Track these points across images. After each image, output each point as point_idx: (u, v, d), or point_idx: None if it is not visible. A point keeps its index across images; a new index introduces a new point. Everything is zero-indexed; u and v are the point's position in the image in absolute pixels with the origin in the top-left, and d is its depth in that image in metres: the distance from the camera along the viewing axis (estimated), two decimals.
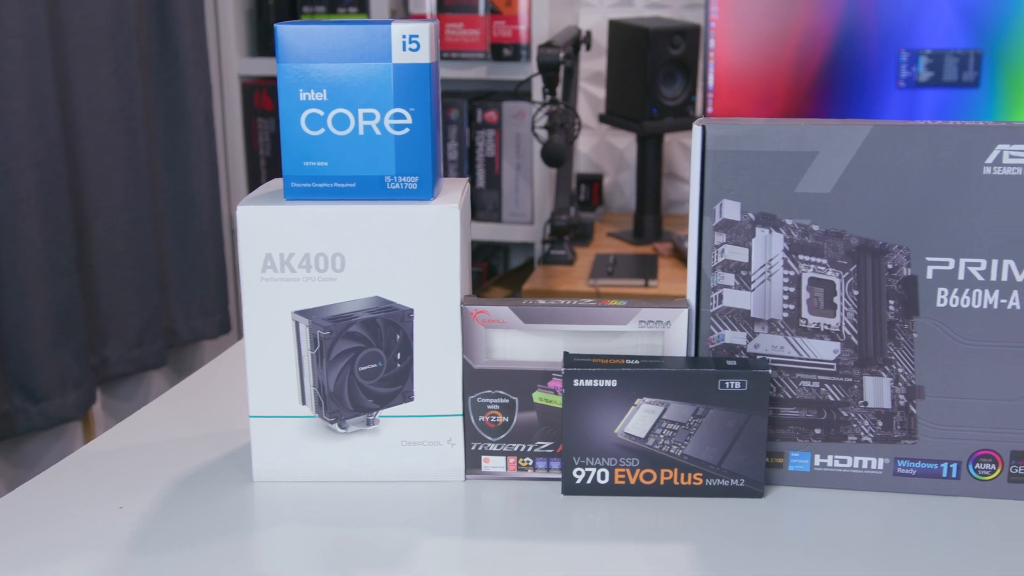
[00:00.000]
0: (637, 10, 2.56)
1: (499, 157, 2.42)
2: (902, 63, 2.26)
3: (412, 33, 0.76)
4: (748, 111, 2.32)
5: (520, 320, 0.80)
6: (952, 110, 2.25)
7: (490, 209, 2.44)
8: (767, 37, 2.29)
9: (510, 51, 2.34)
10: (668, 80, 2.28)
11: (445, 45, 2.35)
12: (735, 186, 0.78)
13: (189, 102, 2.29)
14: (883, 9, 2.24)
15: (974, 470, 0.80)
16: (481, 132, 2.42)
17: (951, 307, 0.77)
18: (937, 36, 2.23)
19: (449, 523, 0.78)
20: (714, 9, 2.28)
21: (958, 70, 2.24)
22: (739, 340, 0.80)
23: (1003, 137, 0.74)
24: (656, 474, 0.79)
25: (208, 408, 0.99)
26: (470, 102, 2.41)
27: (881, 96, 2.29)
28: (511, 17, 2.33)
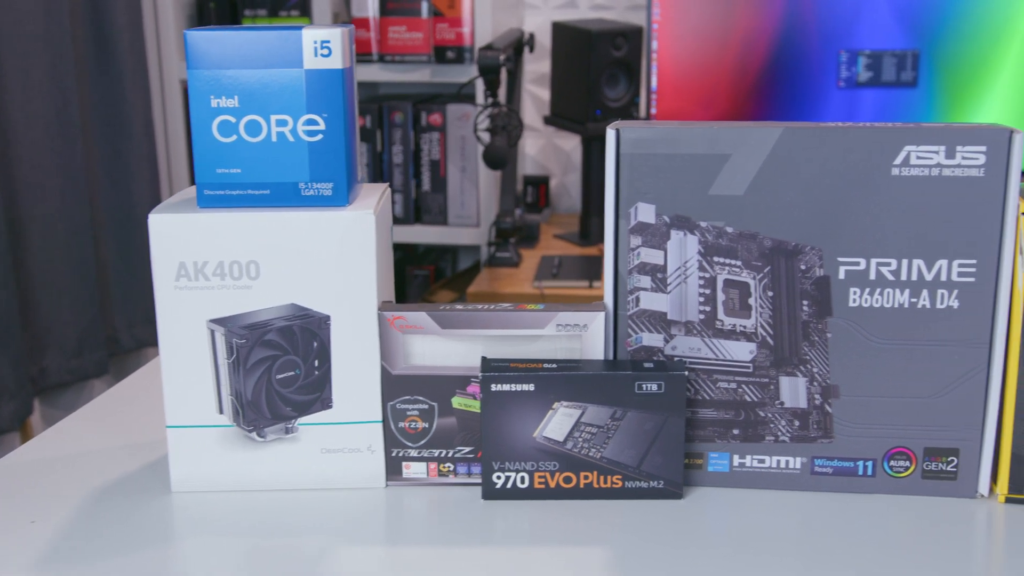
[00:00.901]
0: (581, 12, 2.57)
1: (444, 160, 2.42)
2: (842, 63, 2.29)
3: (324, 39, 0.76)
4: (692, 112, 2.33)
5: (437, 326, 0.79)
6: (891, 110, 2.28)
7: (436, 212, 2.44)
8: (709, 38, 2.31)
9: (454, 54, 2.33)
10: (611, 82, 2.29)
11: (388, 48, 2.35)
12: (650, 189, 0.78)
13: (128, 108, 2.26)
14: (822, 10, 2.27)
15: (889, 467, 0.80)
16: (426, 135, 2.41)
17: (863, 307, 0.78)
18: (876, 37, 2.26)
19: (370, 530, 0.77)
20: (656, 11, 2.29)
21: (896, 70, 2.27)
22: (657, 342, 0.80)
23: (910, 138, 0.75)
24: (575, 477, 0.80)
25: (130, 419, 0.97)
26: (414, 105, 2.40)
27: (822, 96, 2.31)
28: (454, 20, 2.33)
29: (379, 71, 2.37)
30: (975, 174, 0.75)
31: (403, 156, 2.42)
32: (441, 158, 2.42)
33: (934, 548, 0.74)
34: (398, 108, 2.40)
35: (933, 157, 0.75)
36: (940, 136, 0.75)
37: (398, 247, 2.61)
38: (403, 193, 2.43)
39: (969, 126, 0.75)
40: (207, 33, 0.75)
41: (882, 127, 0.76)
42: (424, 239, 2.45)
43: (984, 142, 0.75)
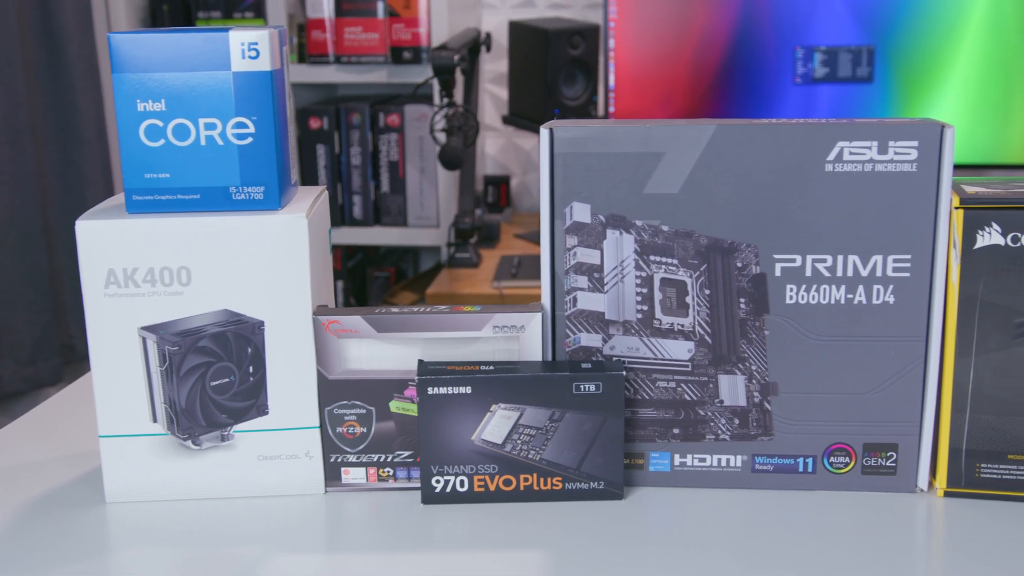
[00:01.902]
0: (539, 11, 2.56)
1: (403, 161, 2.40)
2: (798, 60, 2.30)
3: (251, 41, 0.74)
4: (650, 110, 2.33)
5: (373, 329, 0.79)
6: (847, 105, 2.29)
7: (395, 213, 2.42)
8: (666, 36, 2.31)
9: (410, 54, 2.32)
10: (569, 80, 2.29)
11: (344, 49, 2.33)
12: (584, 188, 0.77)
13: (80, 113, 2.23)
14: (778, 7, 2.27)
15: (829, 464, 0.80)
16: (384, 136, 2.40)
17: (800, 303, 0.78)
18: (831, 33, 2.27)
19: (309, 537, 0.76)
20: (613, 9, 2.29)
21: (852, 66, 2.28)
22: (595, 342, 0.80)
23: (843, 135, 0.75)
24: (515, 480, 0.79)
25: (67, 429, 0.96)
26: (372, 106, 2.39)
27: (779, 92, 2.32)
28: (410, 20, 2.31)
29: (335, 72, 2.35)
30: (908, 169, 0.75)
31: (361, 157, 2.40)
32: (400, 159, 2.40)
33: (875, 543, 0.74)
34: (355, 109, 2.38)
35: (866, 153, 0.75)
36: (872, 132, 0.75)
37: (359, 249, 2.59)
38: (362, 195, 2.42)
39: (901, 121, 0.75)
40: (131, 36, 0.74)
41: (815, 123, 0.76)
42: (384, 241, 2.43)
43: (916, 137, 0.75)
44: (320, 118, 2.38)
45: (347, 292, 2.52)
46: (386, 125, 2.39)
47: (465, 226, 2.20)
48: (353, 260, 2.56)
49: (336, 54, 2.34)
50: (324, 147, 2.40)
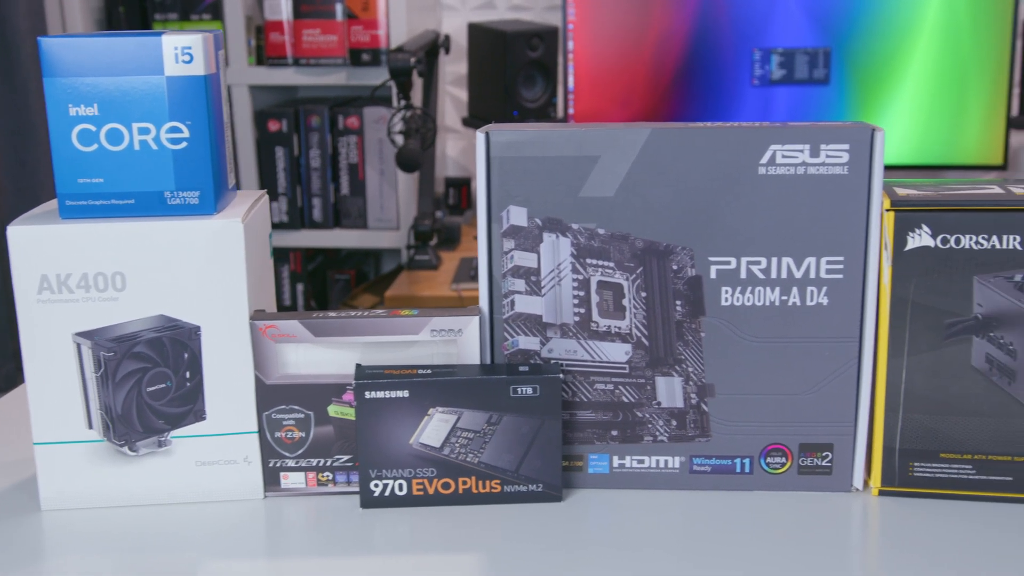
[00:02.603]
0: (499, 12, 2.56)
1: (362, 163, 2.40)
2: (755, 62, 2.31)
3: (185, 45, 0.74)
4: (609, 112, 2.34)
5: (310, 334, 0.78)
6: (804, 107, 2.31)
7: (355, 216, 2.42)
8: (625, 38, 2.32)
9: (369, 56, 2.32)
10: (528, 82, 2.29)
11: (303, 51, 2.32)
12: (521, 192, 0.78)
13: (33, 116, 2.21)
14: (735, 9, 2.29)
15: (766, 464, 0.81)
16: (343, 138, 2.39)
17: (735, 305, 0.78)
18: (788, 35, 2.29)
19: (248, 543, 0.76)
20: (571, 11, 2.30)
21: (809, 68, 2.30)
22: (533, 345, 0.80)
23: (776, 138, 0.76)
24: (454, 483, 0.79)
25: (2, 436, 0.95)
26: (331, 108, 2.38)
27: (737, 94, 2.33)
28: (369, 22, 2.31)
29: (294, 74, 2.34)
30: (839, 172, 0.76)
31: (321, 160, 2.40)
32: (359, 161, 2.40)
33: (811, 542, 0.75)
34: (314, 112, 2.37)
35: (798, 156, 0.76)
36: (804, 135, 0.76)
37: (319, 252, 2.58)
38: (322, 197, 2.41)
39: (832, 125, 0.76)
40: (62, 40, 0.73)
41: (748, 127, 0.76)
42: (344, 243, 2.43)
43: (847, 140, 0.76)
44: (279, 120, 2.37)
45: (307, 295, 2.51)
46: (345, 127, 2.38)
47: (425, 228, 2.20)
48: (313, 263, 2.56)
49: (295, 56, 2.33)
50: (283, 149, 2.39)
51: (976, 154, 2.27)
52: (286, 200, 2.40)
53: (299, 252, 2.49)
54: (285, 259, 2.49)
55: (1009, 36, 2.19)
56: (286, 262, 2.49)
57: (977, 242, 0.75)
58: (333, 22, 2.31)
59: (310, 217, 2.42)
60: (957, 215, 0.75)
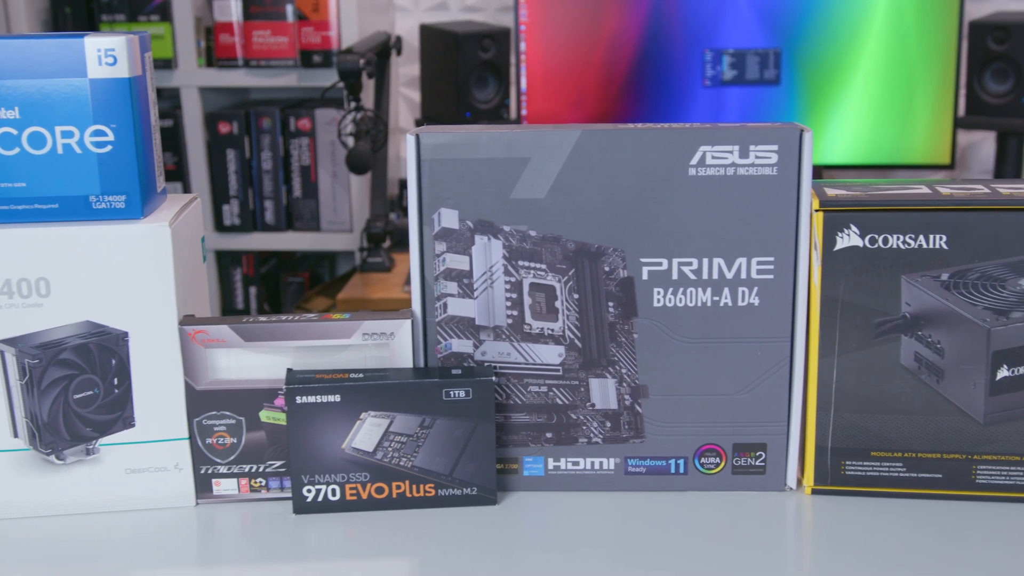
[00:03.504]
0: (452, 14, 2.56)
1: (314, 165, 2.38)
2: (707, 62, 2.32)
3: (108, 47, 0.73)
4: (562, 113, 2.34)
5: (240, 339, 0.78)
6: (755, 107, 2.33)
7: (308, 218, 2.40)
8: (577, 40, 2.32)
9: (320, 58, 2.30)
10: (480, 84, 2.29)
11: (253, 53, 2.31)
12: (452, 194, 0.77)
13: None
14: (686, 10, 2.30)
15: (700, 464, 0.81)
16: (295, 140, 2.38)
17: (667, 306, 0.78)
18: (739, 36, 2.30)
19: (180, 551, 0.75)
20: (523, 12, 2.30)
21: (759, 68, 2.31)
22: (466, 348, 0.80)
23: (705, 139, 0.76)
24: (388, 487, 0.79)
25: None
26: (282, 110, 2.37)
27: (689, 95, 2.34)
28: (320, 23, 2.30)
29: (244, 76, 2.32)
30: (768, 173, 0.76)
31: (272, 162, 2.38)
32: (311, 163, 2.38)
33: (746, 541, 0.75)
34: (266, 113, 2.36)
35: (728, 157, 0.76)
36: (734, 136, 0.76)
37: (272, 254, 2.56)
38: (274, 200, 2.39)
39: (761, 126, 0.76)
40: None
41: (678, 128, 0.76)
42: (296, 246, 2.41)
43: (776, 141, 0.76)
44: (230, 122, 2.35)
45: (260, 298, 2.49)
46: (297, 129, 2.37)
47: (377, 230, 2.19)
48: (266, 266, 2.54)
49: (245, 58, 2.31)
50: (234, 152, 2.37)
51: (924, 154, 2.29)
52: (238, 203, 2.38)
53: (252, 255, 2.47)
54: (237, 262, 2.47)
55: (955, 37, 2.22)
56: (238, 265, 2.47)
57: (904, 242, 0.76)
58: (283, 23, 2.30)
59: (262, 220, 2.40)
60: (885, 215, 0.76)
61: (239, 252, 2.45)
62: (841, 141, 2.30)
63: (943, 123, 2.27)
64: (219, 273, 2.47)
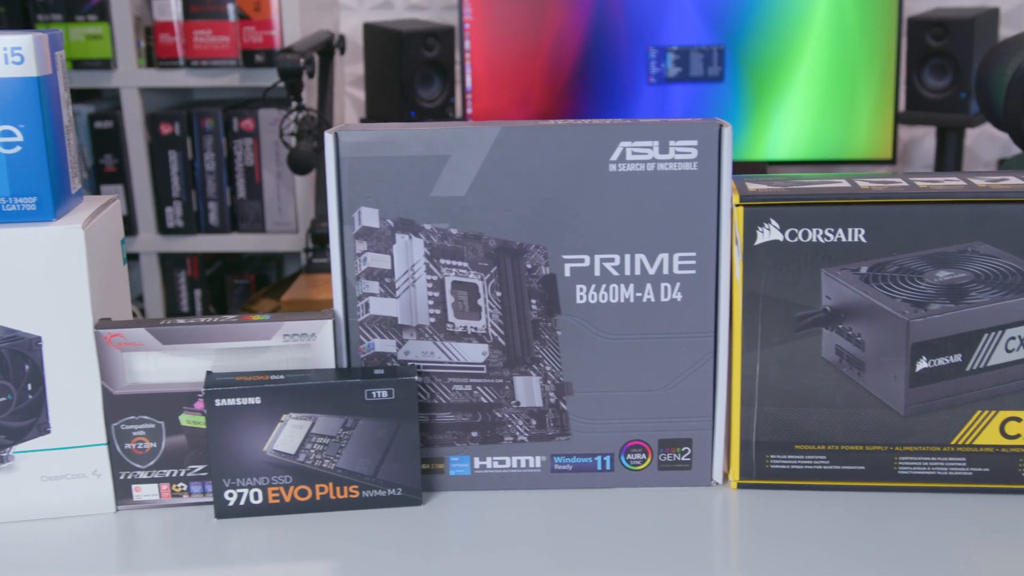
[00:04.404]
0: (397, 12, 2.55)
1: (259, 166, 2.36)
2: (651, 60, 2.33)
3: (14, 46, 0.72)
4: (507, 111, 2.34)
5: (158, 342, 0.76)
6: (700, 104, 2.34)
7: (253, 220, 2.38)
8: (521, 38, 2.32)
9: (263, 57, 2.28)
10: (425, 82, 2.28)
11: (194, 53, 2.28)
12: (372, 193, 0.77)
13: None
14: (630, 8, 2.31)
15: (626, 461, 0.81)
16: (238, 141, 2.35)
17: (590, 303, 0.78)
18: (682, 33, 2.31)
19: (100, 559, 0.74)
20: (467, 11, 2.29)
21: (703, 65, 2.33)
22: (389, 348, 0.79)
23: (625, 135, 0.76)
24: (311, 490, 0.78)
25: None
26: (225, 111, 2.34)
27: (633, 92, 2.35)
28: (262, 23, 2.28)
29: (186, 76, 2.30)
30: (689, 168, 0.76)
31: (216, 163, 2.35)
32: (255, 164, 2.36)
33: (673, 537, 0.75)
34: (208, 114, 2.33)
35: (648, 152, 0.76)
36: (653, 132, 0.76)
37: (218, 256, 2.54)
38: (217, 201, 2.37)
39: (681, 121, 0.76)
40: None
41: (598, 124, 0.76)
42: (241, 247, 2.39)
43: (695, 136, 0.76)
44: (171, 123, 2.32)
45: (206, 301, 2.47)
46: (240, 130, 2.35)
47: (322, 231, 2.18)
48: (212, 268, 2.51)
49: (186, 58, 2.29)
50: (177, 153, 2.34)
51: (866, 149, 2.32)
52: (181, 204, 2.36)
53: (196, 257, 2.44)
54: (182, 265, 2.44)
55: (895, 34, 2.25)
56: (183, 268, 2.44)
57: (824, 235, 0.76)
58: (225, 23, 2.27)
59: (206, 221, 2.37)
60: (804, 209, 0.76)
61: (183, 254, 2.43)
62: (785, 137, 2.32)
63: (884, 118, 2.30)
64: (163, 276, 2.44)
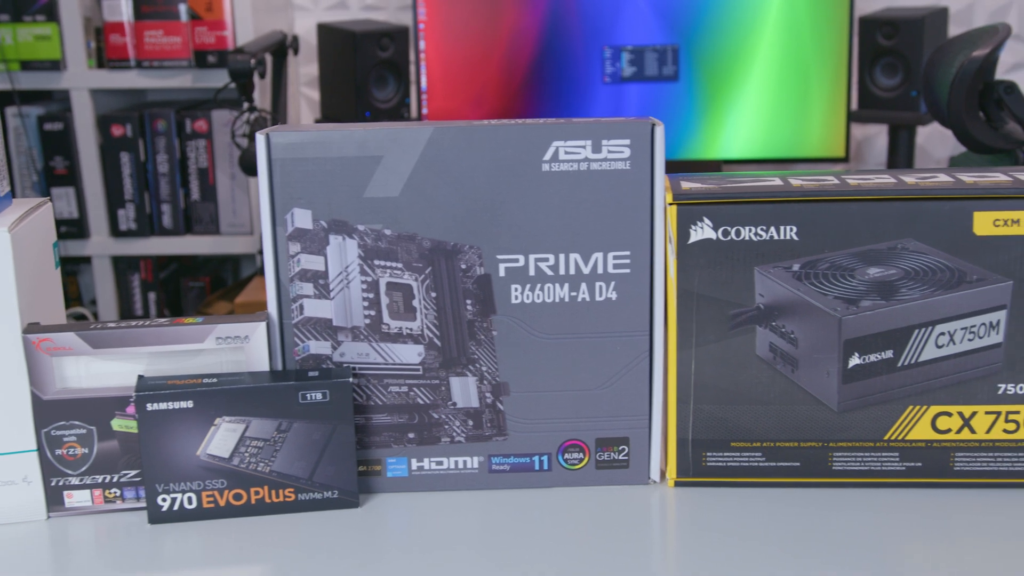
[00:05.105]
0: (352, 12, 2.54)
1: (212, 167, 2.34)
2: (606, 59, 2.34)
3: None
4: (463, 111, 2.34)
5: (88, 346, 0.76)
6: (655, 103, 2.35)
7: (207, 221, 2.36)
8: (476, 38, 2.31)
9: (215, 58, 2.27)
10: (380, 83, 2.27)
11: (145, 53, 2.26)
12: (304, 194, 0.76)
13: None
14: (585, 8, 2.31)
15: (564, 460, 0.81)
16: (192, 143, 2.33)
17: (525, 303, 0.78)
18: (637, 33, 2.32)
19: (31, 567, 0.73)
20: (422, 11, 2.29)
21: (658, 65, 2.33)
22: (324, 350, 0.78)
23: (558, 134, 0.76)
24: (246, 494, 0.77)
25: None
26: (178, 112, 2.32)
27: (589, 92, 2.35)
28: (214, 23, 2.26)
29: (137, 77, 2.28)
30: (622, 167, 0.76)
31: (169, 165, 2.33)
32: (209, 166, 2.34)
33: (610, 536, 0.75)
34: (160, 115, 2.31)
35: (580, 152, 0.76)
36: (586, 131, 0.76)
37: (172, 259, 2.52)
38: (171, 203, 2.35)
39: (614, 120, 0.77)
40: None
41: (531, 123, 0.76)
42: (195, 250, 2.37)
43: (628, 136, 0.76)
44: (123, 125, 2.30)
45: (160, 304, 2.44)
46: (193, 131, 2.33)
47: None
48: (166, 271, 2.49)
49: (137, 58, 2.27)
50: (129, 155, 2.32)
51: (820, 147, 2.34)
52: (134, 207, 2.33)
53: (150, 260, 2.42)
54: (135, 268, 2.42)
55: (847, 33, 2.26)
56: (136, 271, 2.42)
57: (756, 233, 0.77)
58: (176, 23, 2.25)
59: (159, 224, 2.35)
60: (737, 207, 0.76)
61: (137, 257, 2.40)
62: (739, 136, 2.33)
63: (837, 117, 2.32)
64: (116, 280, 2.41)
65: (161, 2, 2.24)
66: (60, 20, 2.24)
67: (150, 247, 2.36)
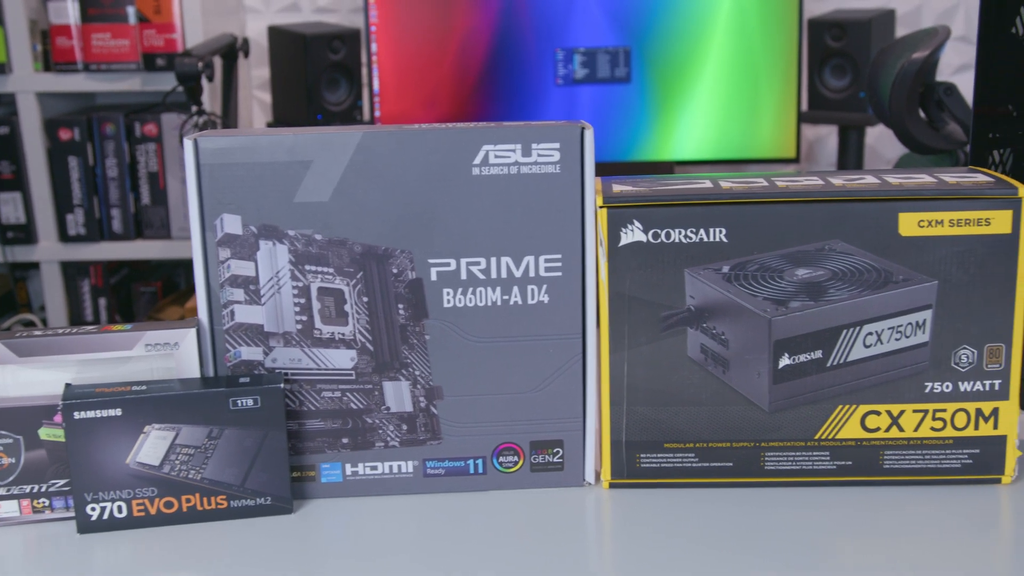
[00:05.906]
0: (304, 15, 2.53)
1: (163, 171, 2.32)
2: (559, 61, 2.34)
3: None
4: (415, 114, 2.33)
5: (13, 354, 0.75)
6: (607, 105, 2.35)
7: (158, 226, 2.34)
8: (428, 40, 2.31)
9: (164, 61, 2.25)
10: (332, 86, 2.26)
11: (93, 56, 2.23)
12: (234, 199, 0.76)
13: None
14: (536, 10, 2.31)
15: (499, 463, 0.81)
16: (141, 146, 2.31)
17: (458, 307, 0.78)
18: (589, 35, 2.33)
19: None
20: (374, 13, 2.28)
21: (610, 67, 2.34)
22: (256, 356, 0.78)
23: (488, 138, 0.76)
24: (177, 501, 0.76)
25: None
26: (127, 116, 2.30)
27: (541, 94, 2.36)
28: (163, 26, 2.24)
29: (85, 80, 2.25)
30: (552, 170, 0.77)
31: (118, 169, 2.31)
32: (159, 169, 2.32)
33: (546, 538, 0.75)
34: (109, 119, 2.29)
35: (511, 156, 0.76)
36: (516, 135, 0.76)
37: (123, 264, 2.49)
38: (121, 208, 2.32)
39: (543, 124, 0.77)
40: None
41: (462, 127, 0.76)
42: (146, 255, 2.35)
43: (557, 139, 0.76)
44: (71, 129, 2.27)
45: (111, 310, 2.42)
46: (143, 135, 2.31)
47: None
48: (117, 276, 2.46)
49: (85, 61, 2.24)
50: (77, 159, 2.29)
51: (771, 148, 2.36)
52: (82, 212, 2.31)
53: (100, 265, 2.39)
54: (85, 273, 2.39)
55: (796, 34, 2.29)
56: (86, 276, 2.39)
57: (686, 236, 0.77)
58: (125, 26, 2.23)
59: (109, 229, 2.33)
60: (666, 210, 0.77)
61: (86, 263, 2.38)
62: (691, 137, 2.35)
63: (788, 118, 2.34)
64: (65, 285, 2.38)
65: (109, 4, 2.22)
66: (5, 23, 2.21)
67: (100, 252, 2.33)
